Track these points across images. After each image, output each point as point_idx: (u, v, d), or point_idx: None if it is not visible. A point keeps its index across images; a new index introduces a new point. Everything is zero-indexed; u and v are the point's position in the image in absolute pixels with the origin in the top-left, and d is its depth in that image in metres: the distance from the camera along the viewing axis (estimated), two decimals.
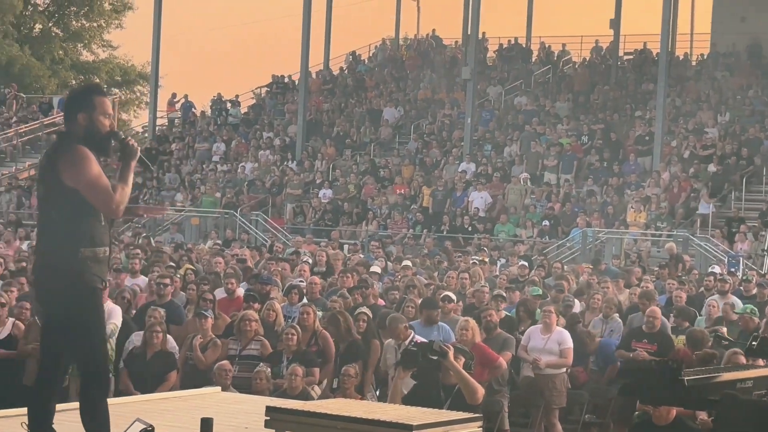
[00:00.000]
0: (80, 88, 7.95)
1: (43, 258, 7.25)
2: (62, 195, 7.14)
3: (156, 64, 42.43)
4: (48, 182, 7.18)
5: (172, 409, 9.94)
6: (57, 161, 7.16)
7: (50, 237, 7.21)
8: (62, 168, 7.13)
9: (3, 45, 58.82)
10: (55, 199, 7.16)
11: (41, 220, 7.32)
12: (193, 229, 32.91)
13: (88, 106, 7.38)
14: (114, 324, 13.43)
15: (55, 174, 7.13)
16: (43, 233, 7.27)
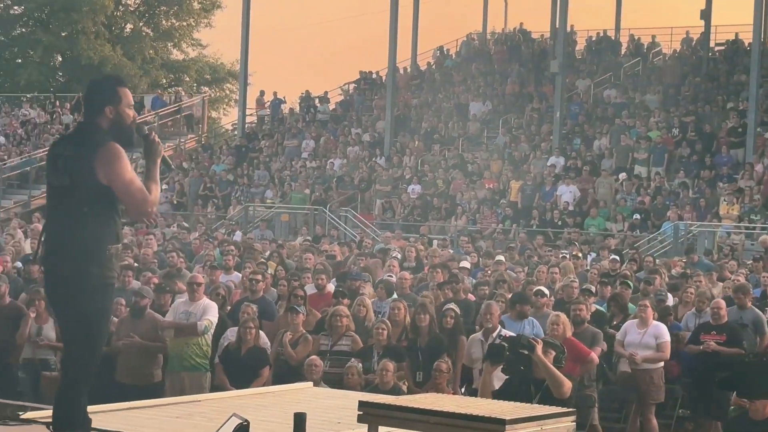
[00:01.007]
0: (104, 79, 7.73)
1: (67, 252, 7.12)
2: (95, 191, 7.09)
3: (245, 62, 42.72)
4: (77, 175, 7.07)
5: (266, 405, 10.03)
6: (90, 156, 7.06)
7: (78, 232, 7.11)
8: (98, 165, 7.06)
9: (95, 45, 59.65)
10: (85, 194, 7.08)
11: (65, 213, 7.14)
12: (283, 225, 33.10)
13: (114, 98, 7.33)
14: (209, 320, 13.57)
15: (88, 169, 7.05)
16: (69, 227, 7.12)
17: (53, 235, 7.19)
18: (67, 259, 7.12)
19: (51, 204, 7.31)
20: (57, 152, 7.22)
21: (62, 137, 7.58)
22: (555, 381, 9.94)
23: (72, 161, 7.08)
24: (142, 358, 13.56)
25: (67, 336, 7.44)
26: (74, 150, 7.12)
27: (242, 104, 44.04)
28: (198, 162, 39.31)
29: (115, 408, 9.57)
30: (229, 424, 7.53)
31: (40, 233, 7.40)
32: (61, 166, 7.12)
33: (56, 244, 7.16)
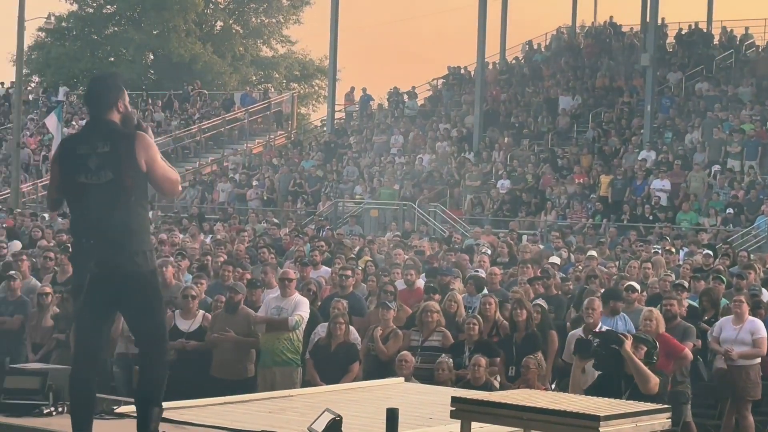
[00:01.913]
0: (111, 75, 7.92)
1: (128, 244, 7.29)
2: (138, 180, 7.30)
3: (334, 58, 42.88)
4: (119, 168, 7.22)
5: (358, 400, 10.07)
6: (129, 148, 7.25)
7: (134, 225, 7.31)
8: (139, 154, 7.26)
9: (186, 43, 60.24)
10: (131, 185, 7.27)
11: (116, 207, 7.24)
12: (372, 221, 33.18)
13: (122, 93, 7.55)
14: (300, 315, 13.65)
15: (130, 160, 7.24)
16: (124, 221, 7.27)
17: (112, 234, 7.27)
18: (131, 253, 7.29)
19: (88, 204, 7.32)
20: (83, 152, 7.31)
21: (77, 137, 7.65)
22: (641, 376, 9.88)
23: (110, 156, 7.24)
24: (236, 353, 13.66)
25: (138, 326, 7.68)
26: (108, 146, 7.27)
27: (331, 100, 44.21)
28: (287, 158, 39.54)
29: (210, 402, 9.67)
30: (322, 419, 7.58)
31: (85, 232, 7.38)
32: (96, 163, 7.26)
33: (119, 243, 7.27)
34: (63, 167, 7.45)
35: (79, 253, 7.39)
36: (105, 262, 7.27)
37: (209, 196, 37.54)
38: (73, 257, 7.56)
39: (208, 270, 17.19)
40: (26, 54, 52.67)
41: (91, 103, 7.56)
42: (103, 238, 7.24)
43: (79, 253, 7.39)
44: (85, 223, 7.33)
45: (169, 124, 45.19)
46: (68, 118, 46.52)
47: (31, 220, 27.14)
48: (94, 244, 7.25)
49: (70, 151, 7.43)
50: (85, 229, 7.32)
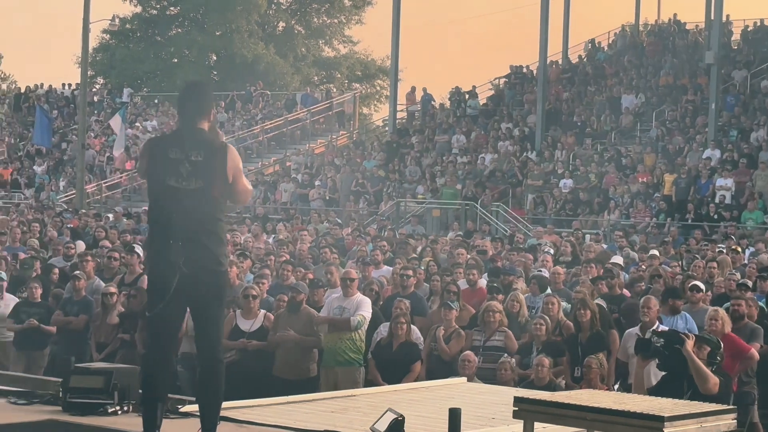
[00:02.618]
0: (204, 84, 8.27)
1: (213, 251, 7.57)
2: (223, 191, 7.59)
3: (395, 58, 42.91)
4: (210, 177, 7.50)
5: (420, 400, 10.06)
6: (222, 159, 7.54)
7: (218, 233, 7.65)
8: (229, 166, 7.57)
9: (248, 44, 60.60)
10: (217, 194, 7.58)
11: (203, 214, 7.53)
12: (434, 220, 33.14)
13: (213, 104, 7.95)
14: (362, 315, 13.66)
15: (221, 171, 7.53)
16: (210, 229, 7.58)
17: (199, 237, 7.52)
18: (215, 261, 7.61)
19: (176, 207, 7.51)
20: (175, 157, 7.53)
21: (168, 140, 7.86)
22: (701, 376, 9.79)
23: (203, 165, 7.51)
24: (298, 352, 13.69)
25: (209, 328, 7.77)
26: (202, 155, 7.53)
27: (393, 100, 44.23)
28: (349, 158, 39.61)
29: (274, 402, 9.71)
30: (384, 418, 7.57)
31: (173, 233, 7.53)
32: (188, 170, 7.51)
33: (205, 246, 7.52)
34: (153, 167, 7.66)
35: (168, 253, 7.51)
36: (194, 261, 7.48)
37: (272, 196, 37.68)
38: (160, 256, 7.64)
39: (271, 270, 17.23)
40: (91, 56, 53.17)
41: (186, 110, 7.79)
42: (191, 240, 7.49)
43: (168, 253, 7.51)
44: (174, 225, 7.50)
45: (232, 125, 45.44)
46: (132, 119, 46.99)
47: (95, 220, 27.40)
48: (182, 245, 7.46)
49: (162, 154, 7.62)
50: (174, 231, 7.50)
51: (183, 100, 7.86)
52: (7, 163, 44.94)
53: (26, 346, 14.94)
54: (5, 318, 15.15)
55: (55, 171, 43.58)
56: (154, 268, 7.75)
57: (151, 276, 7.90)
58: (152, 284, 7.80)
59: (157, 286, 7.63)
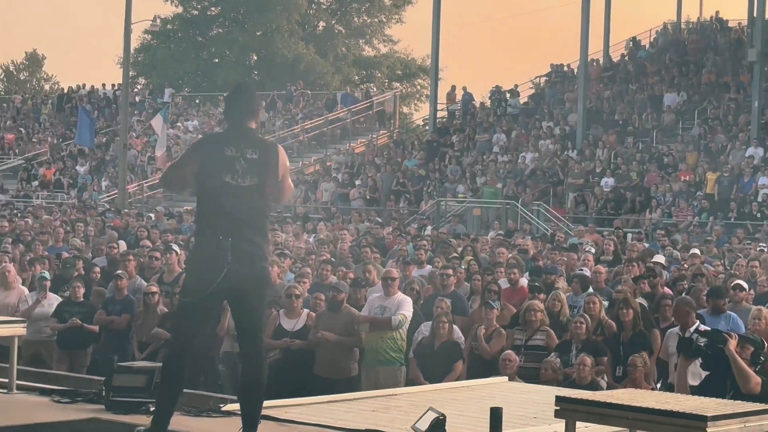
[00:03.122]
0: (251, 86, 8.60)
1: (261, 247, 7.77)
2: (274, 189, 7.85)
3: (436, 57, 42.89)
4: (263, 175, 7.74)
5: (461, 399, 10.05)
6: (274, 157, 7.82)
7: (266, 229, 7.90)
8: (281, 165, 7.85)
9: (289, 43, 60.76)
10: (269, 192, 7.84)
11: (254, 211, 7.76)
12: (474, 219, 33.10)
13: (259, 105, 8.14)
14: (403, 315, 13.66)
15: (273, 169, 7.79)
16: (260, 225, 7.81)
17: (250, 234, 7.71)
18: (262, 257, 7.79)
19: (230, 203, 7.69)
20: (231, 154, 7.75)
21: (222, 138, 8.03)
22: (742, 376, 9.73)
23: (258, 163, 7.75)
24: (339, 352, 13.70)
25: (252, 324, 7.86)
26: (257, 153, 7.78)
27: (433, 99, 44.21)
28: (390, 157, 39.61)
29: (315, 401, 9.72)
30: (425, 418, 7.57)
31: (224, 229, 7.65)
32: (243, 167, 7.73)
33: (253, 242, 7.68)
34: (208, 164, 7.80)
35: (217, 247, 7.62)
36: (242, 256, 7.62)
37: (312, 196, 37.75)
38: (208, 249, 7.71)
39: (312, 269, 17.25)
40: (132, 56, 53.41)
41: (236, 110, 8.00)
42: (241, 235, 7.65)
43: (217, 247, 7.62)
44: (226, 221, 7.66)
45: (273, 124, 45.56)
46: (173, 120, 47.19)
47: (136, 220, 27.54)
48: (232, 240, 7.60)
49: (217, 151, 7.80)
50: (225, 226, 7.65)
51: (232, 101, 8.09)
52: (50, 163, 45.24)
53: (69, 345, 15.03)
54: (48, 317, 15.25)
55: (97, 171, 43.83)
56: (201, 260, 7.80)
57: (195, 266, 7.94)
58: (194, 274, 7.86)
59: (201, 276, 7.70)
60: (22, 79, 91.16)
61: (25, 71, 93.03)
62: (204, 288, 7.62)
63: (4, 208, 34.33)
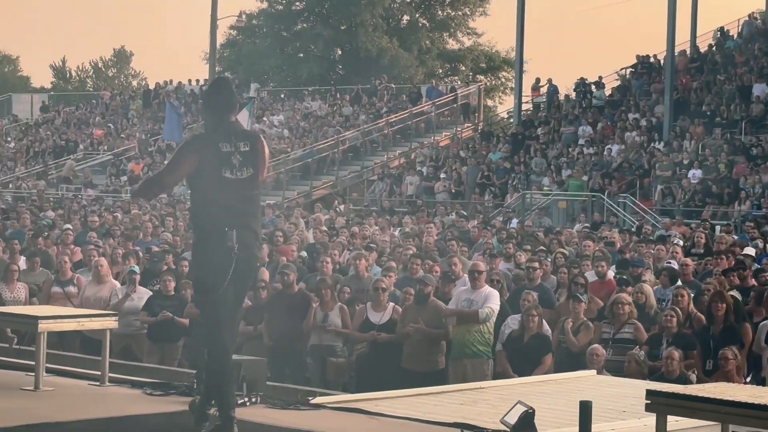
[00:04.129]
0: (228, 80, 9.20)
1: (258, 234, 8.21)
2: (261, 178, 8.26)
3: (520, 50, 42.71)
4: (256, 165, 8.12)
5: (549, 392, 10.02)
6: (262, 148, 8.21)
7: (259, 216, 8.39)
8: (266, 154, 8.27)
9: (373, 37, 60.82)
10: (262, 180, 8.29)
11: (250, 200, 8.17)
12: (560, 212, 32.92)
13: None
14: (490, 308, 13.64)
15: (263, 159, 8.18)
16: (256, 213, 8.29)
17: (250, 223, 8.13)
18: (258, 245, 8.30)
19: (231, 196, 8.03)
20: (227, 150, 8.07)
21: (214, 136, 8.21)
22: None
23: (250, 155, 8.11)
24: (426, 345, 13.72)
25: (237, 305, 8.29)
26: (248, 145, 8.15)
27: (518, 92, 44.03)
28: (475, 150, 39.53)
29: (402, 394, 9.74)
30: (514, 411, 7.56)
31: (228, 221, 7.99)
32: (239, 161, 8.08)
33: (253, 230, 8.14)
34: (206, 162, 8.06)
35: (225, 239, 7.93)
36: (245, 245, 8.01)
37: (397, 189, 37.77)
38: (217, 243, 7.97)
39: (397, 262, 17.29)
40: (219, 52, 53.92)
41: (220, 106, 8.29)
42: (244, 226, 8.05)
43: (225, 239, 7.93)
44: (229, 214, 8.00)
45: (357, 118, 45.65)
46: (259, 114, 47.47)
47: None
48: (236, 231, 7.96)
49: (214, 149, 8.09)
50: (229, 219, 7.98)
51: (213, 98, 8.37)
52: (138, 158, 45.73)
53: (160, 338, 15.19)
54: (138, 311, 15.44)
55: None
56: (212, 255, 8.01)
57: (206, 261, 8.10)
58: (208, 269, 8.05)
59: (216, 270, 7.97)
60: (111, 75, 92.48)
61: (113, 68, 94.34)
62: (222, 281, 7.93)
63: (93, 203, 34.77)
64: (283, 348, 14.27)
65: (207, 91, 8.68)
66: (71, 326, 10.98)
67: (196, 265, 8.47)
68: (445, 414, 8.67)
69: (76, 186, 43.25)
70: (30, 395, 9.60)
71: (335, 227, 24.23)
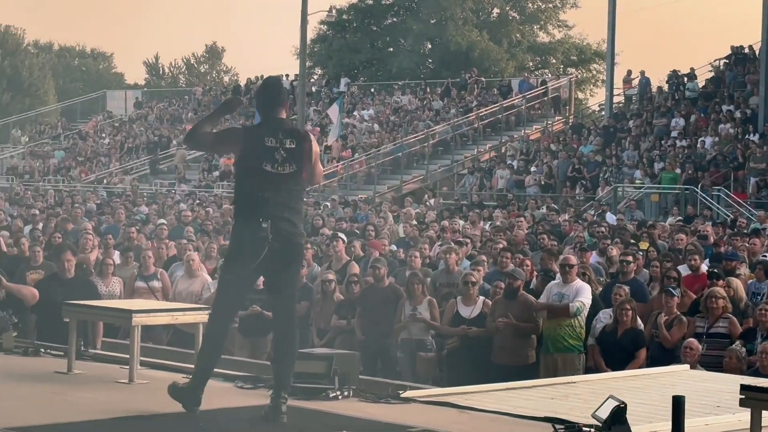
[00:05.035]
0: (279, 80, 9.40)
1: (300, 228, 8.54)
2: (309, 174, 8.57)
3: (611, 42, 42.36)
4: (300, 162, 8.43)
5: (642, 387, 9.93)
6: (308, 145, 8.52)
7: (302, 211, 8.74)
8: (314, 151, 8.59)
9: (463, 31, 60.72)
10: (305, 177, 8.54)
11: (293, 195, 8.49)
12: (653, 205, 32.63)
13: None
14: (581, 302, 13.55)
15: (308, 155, 8.50)
16: (299, 208, 8.63)
17: (287, 215, 8.40)
18: (299, 234, 8.55)
19: (270, 189, 8.34)
20: (271, 145, 8.40)
21: (261, 130, 8.58)
22: None
23: (295, 152, 8.43)
24: (517, 339, 13.68)
25: (289, 294, 8.62)
26: (294, 142, 8.46)
27: (609, 84, 43.68)
28: (566, 143, 39.30)
29: (493, 388, 9.71)
30: (606, 406, 7.48)
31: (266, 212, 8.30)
32: (282, 156, 8.40)
33: (290, 222, 8.42)
34: (249, 154, 8.46)
35: (259, 229, 8.28)
36: (282, 236, 8.32)
37: (488, 183, 37.69)
38: (252, 232, 8.32)
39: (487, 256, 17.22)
40: (309, 47, 54.12)
41: (269, 102, 8.66)
42: (281, 218, 8.35)
43: (259, 229, 8.28)
44: (266, 205, 8.31)
45: (448, 112, 45.61)
46: (349, 109, 47.65)
47: (314, 208, 27.90)
48: (272, 222, 8.28)
49: (258, 142, 8.45)
50: (265, 211, 8.30)
51: (262, 95, 8.75)
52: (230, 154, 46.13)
53: (250, 332, 15.28)
54: None
55: None
56: (244, 241, 8.41)
57: (238, 246, 8.51)
58: (238, 253, 8.45)
59: (244, 255, 8.36)
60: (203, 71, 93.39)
61: (205, 64, 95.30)
62: (245, 265, 8.35)
63: (187, 198, 35.17)
64: (374, 342, 14.32)
65: (258, 89, 9.00)
66: (165, 320, 11.10)
67: (230, 247, 8.84)
68: (535, 408, 8.62)
69: (169, 181, 43.77)
70: (125, 388, 9.72)
71: (425, 221, 24.24)
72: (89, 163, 49.19)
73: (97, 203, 31.36)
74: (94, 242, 17.90)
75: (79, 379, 10.11)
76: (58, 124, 59.05)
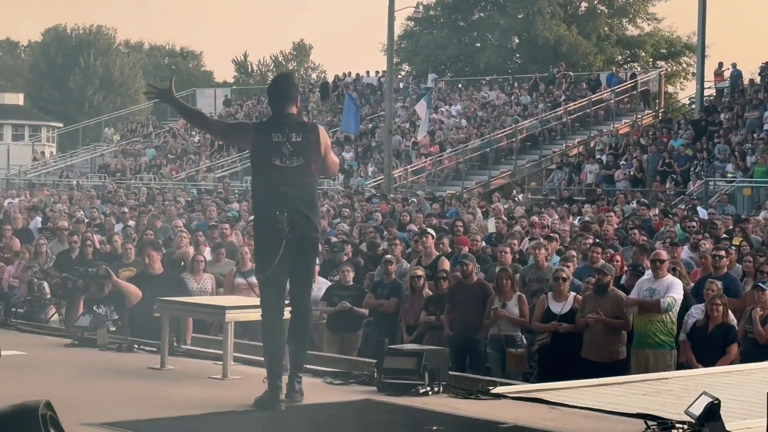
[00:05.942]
0: (290, 76, 10.15)
1: (313, 220, 8.73)
2: (319, 166, 8.81)
3: (702, 34, 41.85)
4: (309, 155, 8.66)
5: (735, 383, 9.83)
6: (316, 138, 8.74)
7: (316, 203, 8.87)
8: (323, 143, 8.79)
9: (551, 25, 60.45)
10: (315, 169, 8.75)
11: (304, 187, 8.69)
12: (745, 200, 32.19)
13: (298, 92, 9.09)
14: (672, 297, 13.43)
15: (317, 148, 8.71)
16: (311, 200, 8.77)
17: (301, 208, 8.62)
18: (312, 228, 8.74)
19: (281, 182, 8.60)
20: (278, 140, 8.65)
21: (269, 125, 8.87)
22: None
23: (301, 145, 8.66)
24: (607, 335, 13.58)
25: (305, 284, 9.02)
26: (300, 136, 8.69)
27: (700, 77, 43.15)
28: (656, 138, 38.90)
29: (584, 384, 9.67)
30: (699, 402, 7.42)
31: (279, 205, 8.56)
32: (289, 150, 8.64)
33: (304, 214, 8.64)
34: (258, 149, 8.77)
35: (275, 222, 8.54)
36: (297, 229, 8.58)
37: (576, 178, 37.45)
38: (269, 226, 8.62)
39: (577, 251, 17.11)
40: (396, 43, 54.15)
41: (278, 98, 8.90)
42: (296, 210, 8.59)
43: (275, 222, 8.54)
44: (280, 199, 8.58)
45: (536, 107, 45.40)
46: (436, 105, 47.61)
47: (402, 205, 27.92)
48: (287, 216, 8.53)
49: (266, 137, 8.73)
50: (280, 204, 8.56)
51: (272, 91, 8.98)
52: None
53: (339, 328, 15.36)
54: (317, 301, 15.59)
55: (363, 157, 44.62)
56: (263, 236, 8.74)
57: (259, 242, 8.88)
58: (261, 250, 8.79)
59: (267, 251, 8.65)
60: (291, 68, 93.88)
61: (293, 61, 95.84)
62: (272, 261, 8.56)
63: None
64: (462, 338, 14.32)
65: (269, 86, 9.23)
66: (257, 316, 11.18)
67: (255, 247, 9.14)
68: (627, 404, 8.57)
69: None
70: (218, 384, 9.83)
71: (514, 216, 24.15)
72: (179, 160, 49.69)
73: (188, 200, 31.64)
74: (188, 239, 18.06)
75: (173, 375, 10.24)
76: (149, 123, 59.76)
